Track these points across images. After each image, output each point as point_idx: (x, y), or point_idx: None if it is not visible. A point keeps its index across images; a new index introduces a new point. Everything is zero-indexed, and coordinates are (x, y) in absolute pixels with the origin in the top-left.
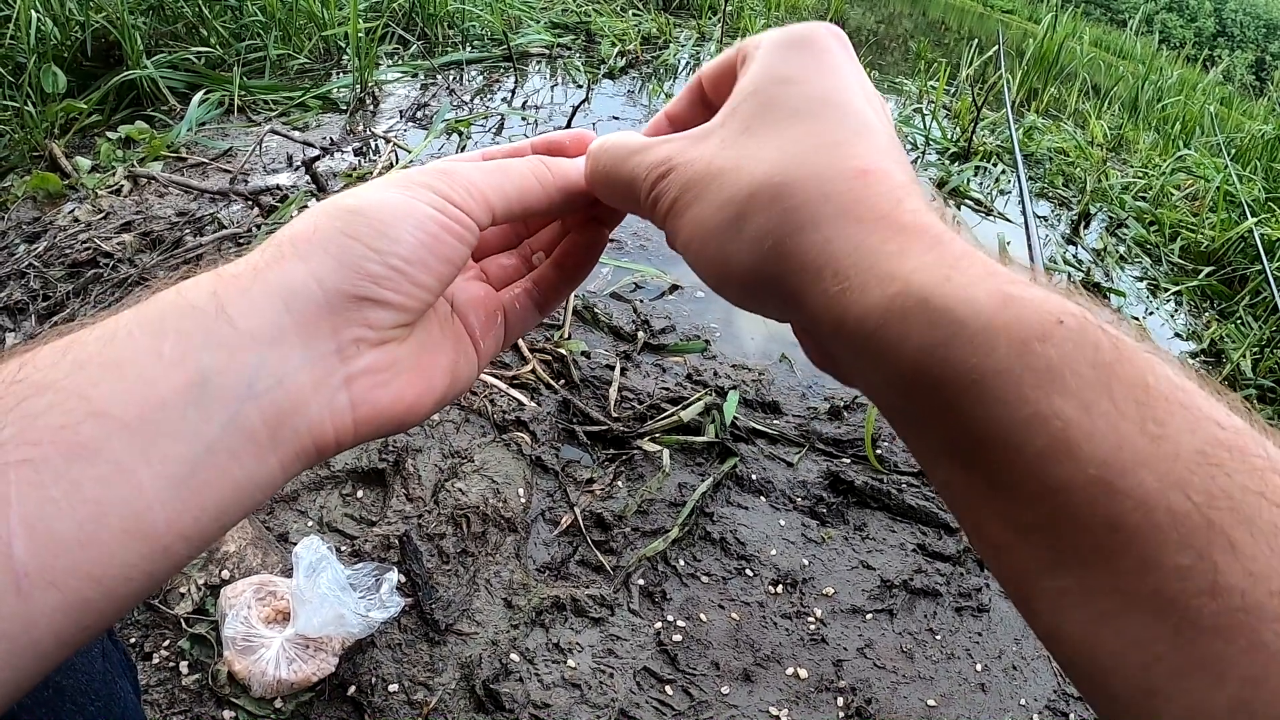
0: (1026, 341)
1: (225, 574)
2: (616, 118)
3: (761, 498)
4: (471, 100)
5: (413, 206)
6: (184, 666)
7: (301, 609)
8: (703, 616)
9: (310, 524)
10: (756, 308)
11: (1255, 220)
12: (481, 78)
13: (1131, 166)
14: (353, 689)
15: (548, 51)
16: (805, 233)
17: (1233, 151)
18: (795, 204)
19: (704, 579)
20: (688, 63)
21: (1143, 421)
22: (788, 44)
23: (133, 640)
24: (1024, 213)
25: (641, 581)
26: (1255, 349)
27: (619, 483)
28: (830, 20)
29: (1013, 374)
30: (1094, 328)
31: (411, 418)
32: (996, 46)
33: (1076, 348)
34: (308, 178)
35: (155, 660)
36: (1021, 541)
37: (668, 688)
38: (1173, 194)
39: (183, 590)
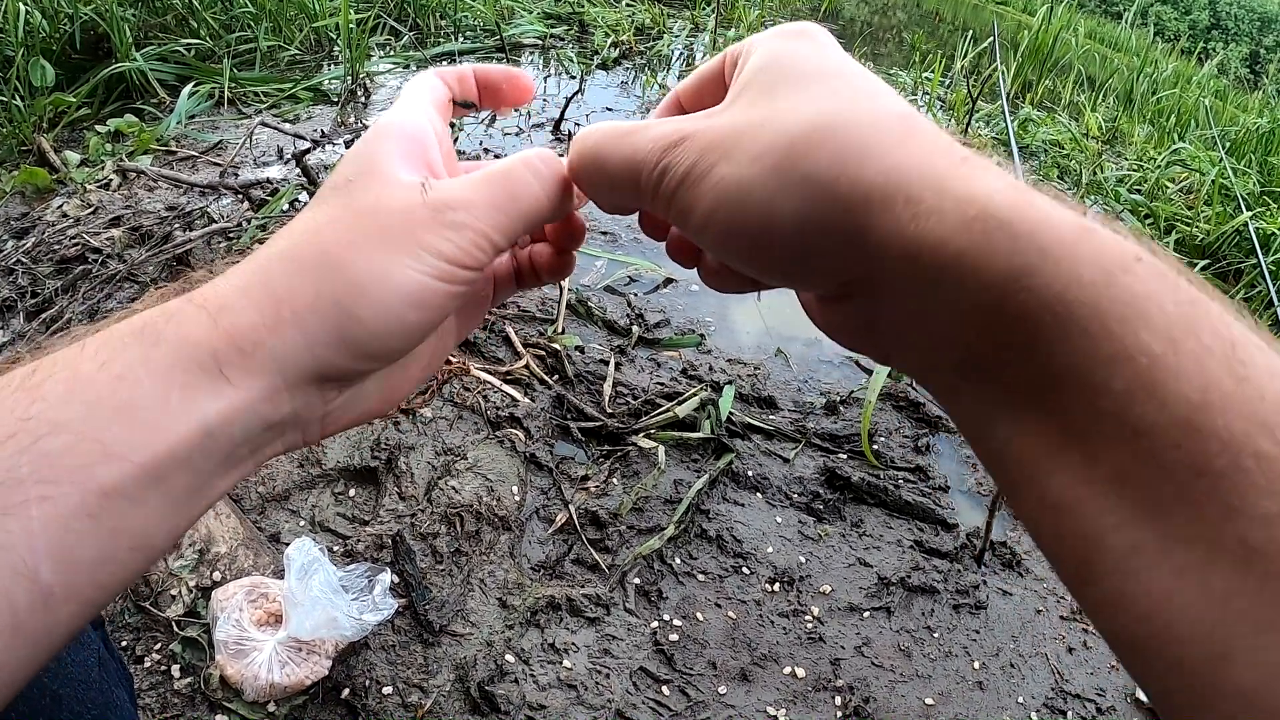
0: (1110, 273)
1: (217, 575)
2: (610, 109)
3: (758, 494)
4: None
5: (417, 285)
6: (176, 670)
7: (294, 611)
8: (699, 615)
9: (302, 524)
10: (797, 266)
11: (1250, 214)
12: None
13: (1126, 159)
14: (346, 692)
15: (541, 42)
16: (868, 162)
17: (1228, 145)
18: (849, 139)
19: (700, 577)
20: (681, 53)
21: (1229, 362)
22: (785, 35)
23: (124, 644)
24: None
25: (637, 580)
26: None
27: (614, 480)
28: (824, 11)
29: (1097, 307)
30: (1172, 266)
31: (373, 419)
32: (991, 38)
33: (1160, 283)
34: (299, 170)
35: (147, 664)
36: (1092, 496)
37: (664, 688)
38: (1168, 187)
39: (174, 593)
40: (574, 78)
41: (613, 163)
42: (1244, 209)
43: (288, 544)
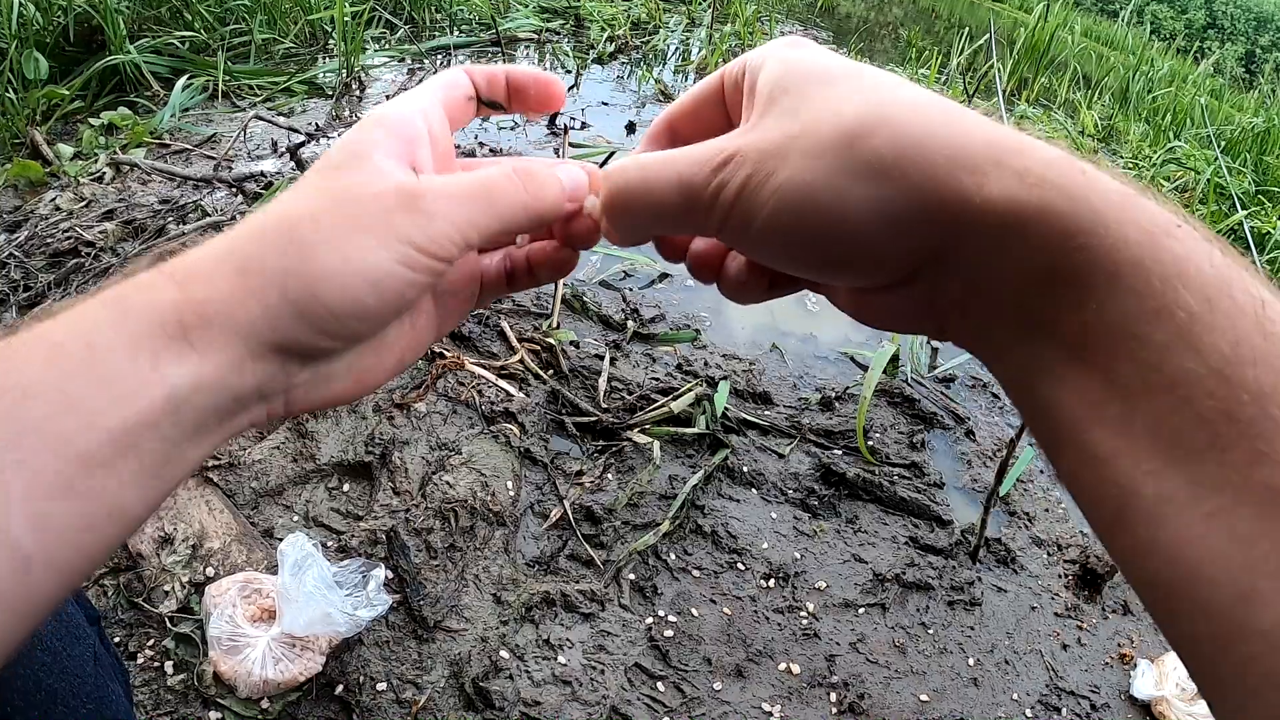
0: (1155, 235)
1: (210, 571)
2: (606, 103)
3: (753, 490)
4: None
5: (380, 268)
6: (169, 666)
7: (287, 608)
8: (694, 611)
9: (296, 519)
10: (872, 255)
11: (1245, 213)
12: (469, 63)
13: (1122, 157)
14: (340, 688)
15: (536, 36)
16: (926, 141)
17: (1223, 144)
18: (901, 123)
19: (695, 573)
20: (677, 48)
21: (1259, 319)
22: (785, 45)
23: (117, 640)
24: None
25: (632, 576)
26: None
27: (609, 475)
28: (820, 7)
29: (1143, 265)
30: (1207, 233)
31: (345, 402)
32: (987, 35)
33: (1197, 246)
34: (293, 164)
35: (140, 660)
36: (1130, 447)
37: (659, 684)
38: (1163, 185)
39: (167, 589)
40: (569, 72)
41: (660, 188)
42: (1239, 208)
43: (281, 539)
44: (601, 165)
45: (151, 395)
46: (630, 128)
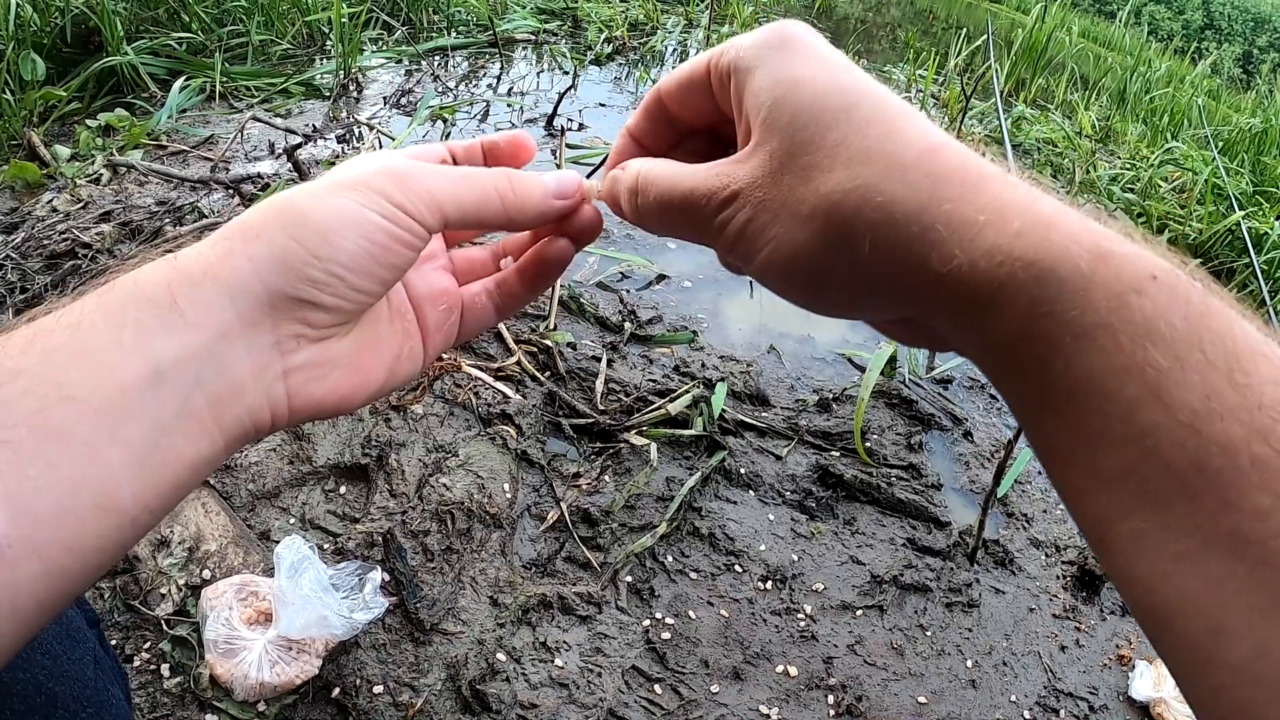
0: (1123, 295)
1: (206, 574)
2: (603, 104)
3: (750, 492)
4: (456, 87)
5: (360, 214)
6: (165, 669)
7: (284, 610)
8: (691, 614)
9: (292, 521)
10: (850, 310)
11: (1243, 213)
12: (467, 64)
13: (1119, 158)
14: (337, 691)
15: (534, 37)
16: (907, 219)
17: (1220, 144)
18: (884, 201)
19: (693, 575)
20: (675, 49)
21: (1230, 372)
22: (774, 46)
23: (114, 643)
24: None
25: (629, 578)
26: None
27: (606, 477)
28: (817, 8)
29: (1111, 327)
30: (1185, 282)
31: (346, 407)
32: (985, 36)
33: (1170, 301)
34: (290, 165)
35: (137, 663)
36: (1102, 488)
37: (656, 686)
38: (1161, 186)
39: (163, 591)
40: (567, 73)
41: (674, 213)
42: (1236, 208)
43: (278, 542)
44: (596, 169)
45: (134, 367)
46: None
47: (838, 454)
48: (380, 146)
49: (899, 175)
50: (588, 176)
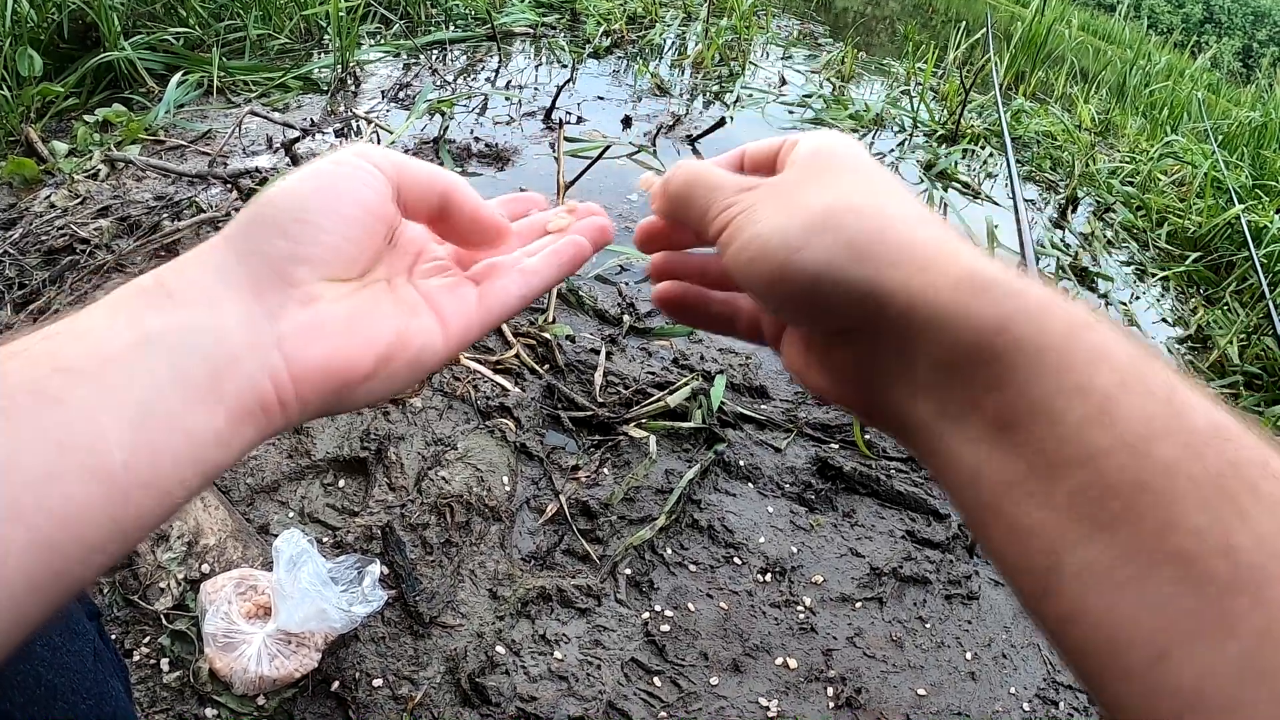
0: (1075, 326)
1: (205, 568)
2: (602, 97)
3: (749, 484)
4: (455, 80)
5: (317, 167)
6: (165, 664)
7: (283, 604)
8: (691, 606)
9: (291, 515)
10: (807, 303)
11: (1242, 207)
12: (465, 57)
13: (1119, 151)
14: (336, 684)
15: (532, 31)
16: (885, 234)
17: (1220, 138)
18: (872, 215)
19: (692, 568)
20: (673, 42)
21: (1169, 401)
22: (831, 136)
23: (113, 637)
24: (1013, 196)
25: (628, 571)
26: (1242, 335)
27: (605, 470)
28: (817, 1)
29: (1065, 350)
30: (1126, 331)
31: (354, 376)
32: (984, 29)
33: (1116, 338)
34: (288, 159)
35: (136, 658)
36: (1052, 518)
37: (656, 679)
38: (1160, 179)
39: (162, 585)
40: (565, 67)
41: (700, 181)
42: (1236, 202)
43: (276, 535)
44: (594, 161)
45: (124, 338)
46: (626, 122)
47: (837, 446)
48: (378, 140)
49: (889, 208)
50: (578, 180)
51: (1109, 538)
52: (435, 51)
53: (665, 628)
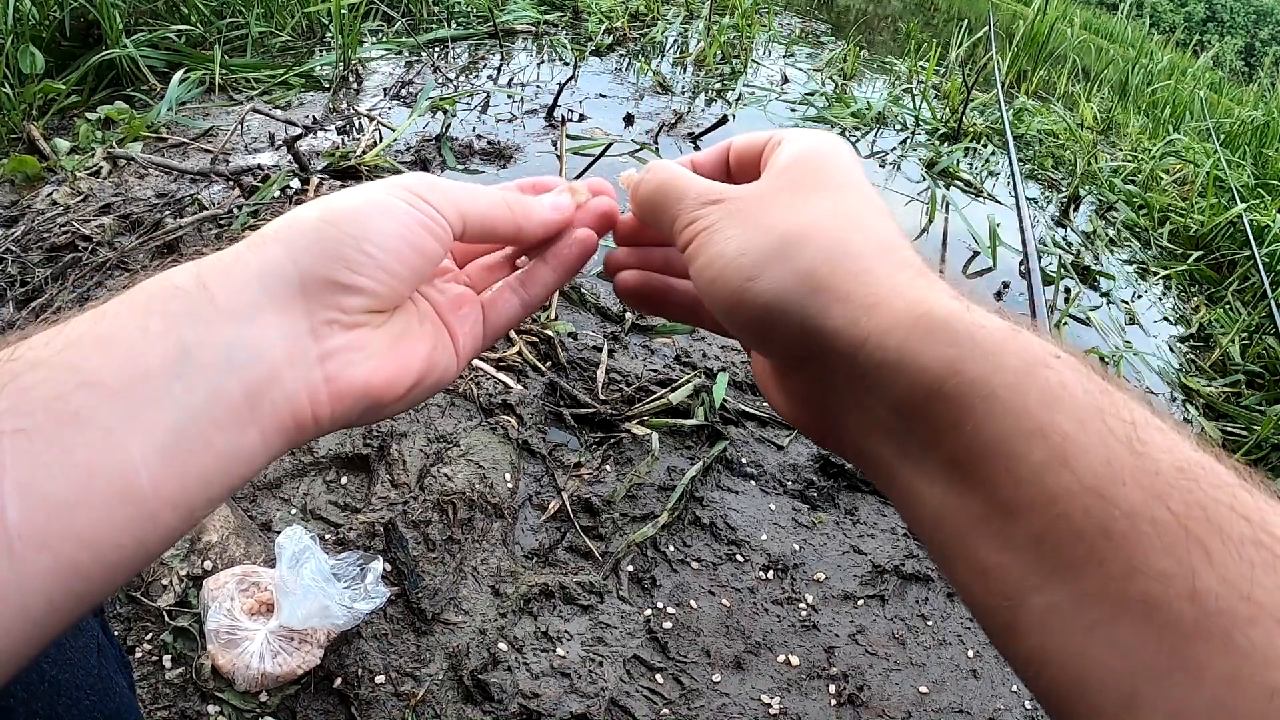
0: (1033, 365)
1: (208, 565)
2: (604, 95)
3: (751, 482)
4: (457, 78)
5: (390, 202)
6: (167, 660)
7: (285, 601)
8: (693, 603)
9: (294, 511)
10: (759, 332)
11: (1244, 206)
12: (467, 55)
13: (1121, 150)
14: (339, 681)
15: (534, 28)
16: (844, 263)
17: (1222, 137)
18: (834, 243)
19: (694, 565)
20: (675, 40)
21: (1130, 440)
22: (819, 136)
23: (116, 633)
24: (1015, 194)
25: (631, 568)
26: (1244, 334)
27: (607, 467)
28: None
29: (1020, 390)
30: (1086, 363)
31: (387, 397)
32: (987, 28)
33: (1074, 375)
34: (290, 157)
35: (138, 654)
36: (1014, 560)
37: (658, 676)
38: (1162, 178)
39: (165, 582)
40: (567, 64)
41: (668, 189)
42: (1238, 201)
43: (279, 532)
44: (596, 159)
45: (158, 351)
46: (628, 119)
47: None
48: (380, 138)
49: (855, 235)
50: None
51: (1073, 582)
52: (437, 49)
53: (667, 625)
